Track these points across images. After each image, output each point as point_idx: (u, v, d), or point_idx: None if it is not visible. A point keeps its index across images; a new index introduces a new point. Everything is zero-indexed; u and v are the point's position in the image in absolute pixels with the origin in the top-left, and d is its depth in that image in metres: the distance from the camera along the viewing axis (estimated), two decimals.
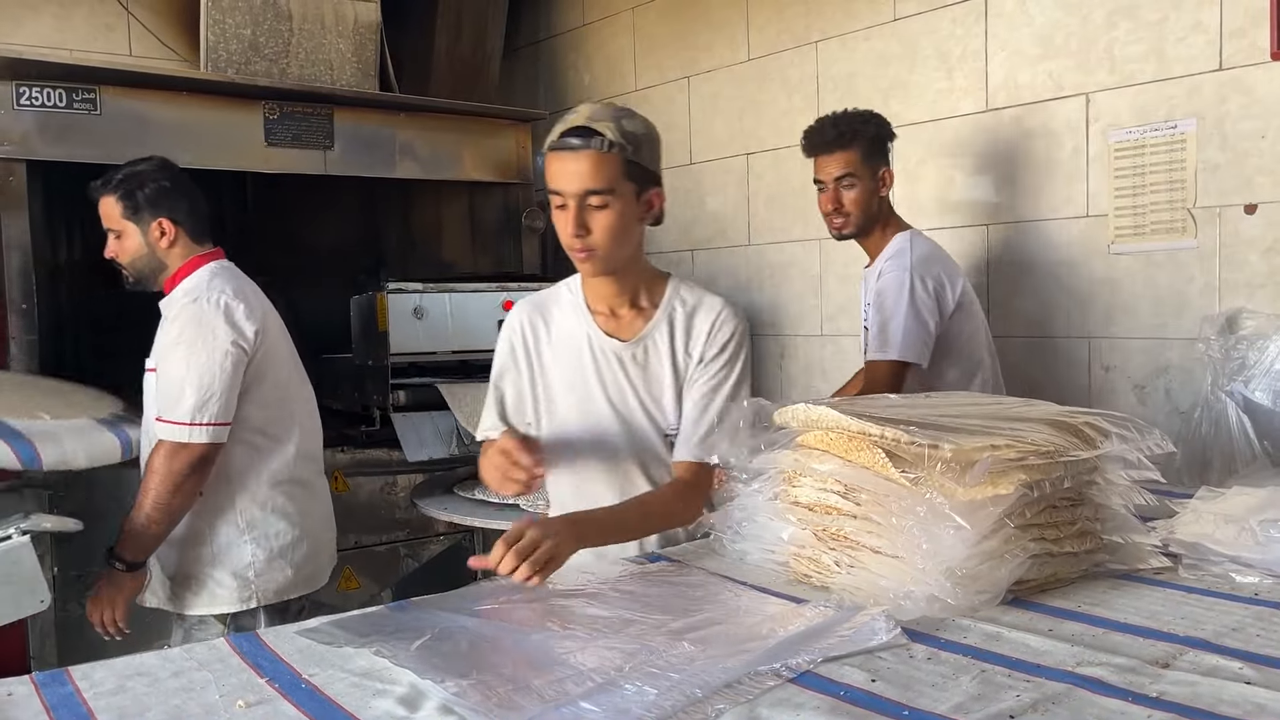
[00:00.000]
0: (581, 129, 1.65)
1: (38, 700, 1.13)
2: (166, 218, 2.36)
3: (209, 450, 2.23)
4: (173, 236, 2.37)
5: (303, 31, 3.54)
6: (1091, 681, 1.07)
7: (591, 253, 1.69)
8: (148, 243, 2.37)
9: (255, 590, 2.35)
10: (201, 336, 2.24)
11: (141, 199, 2.35)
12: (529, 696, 1.07)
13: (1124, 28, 2.71)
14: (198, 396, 2.20)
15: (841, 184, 2.59)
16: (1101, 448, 1.43)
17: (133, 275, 2.43)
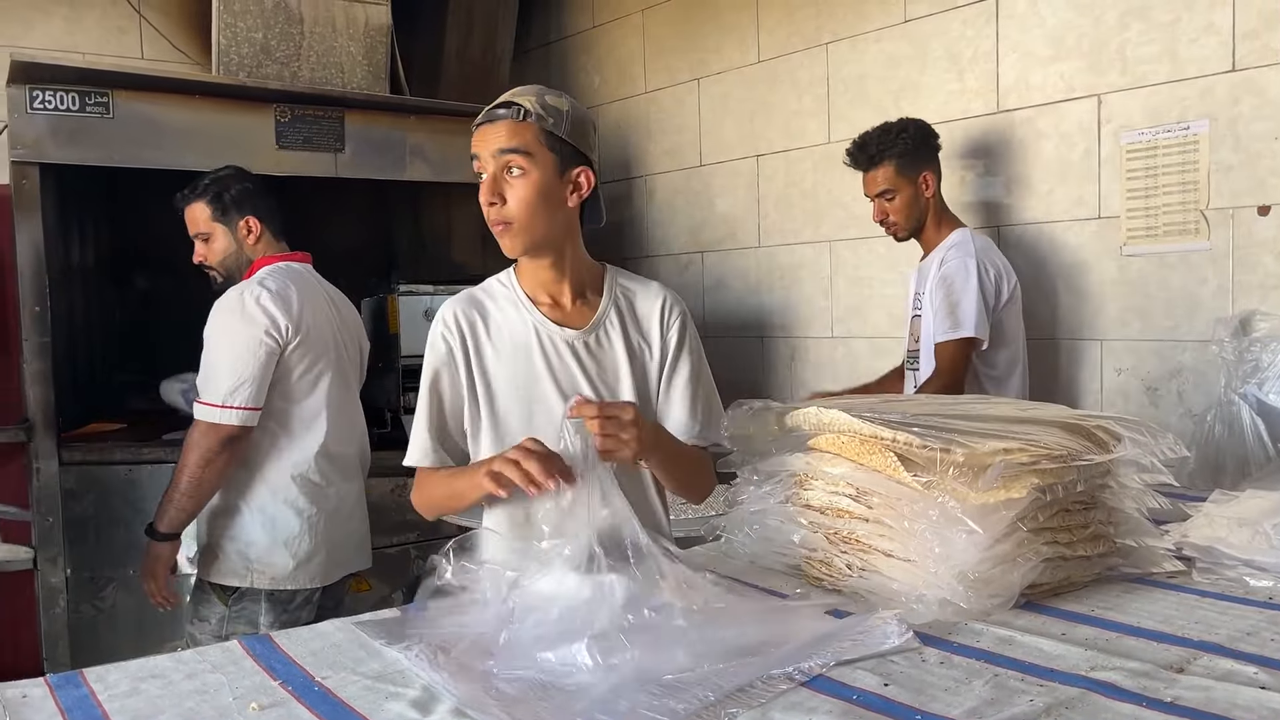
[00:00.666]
0: (503, 103, 1.64)
1: (52, 702, 1.13)
2: (252, 215, 2.52)
3: (239, 431, 2.33)
4: (258, 233, 2.53)
5: (314, 34, 3.55)
6: (1105, 686, 1.07)
7: (508, 225, 1.62)
8: (236, 240, 2.53)
9: (252, 571, 2.41)
10: (237, 324, 2.35)
11: (229, 200, 2.52)
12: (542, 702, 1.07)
13: (1136, 29, 2.70)
14: (231, 380, 2.31)
15: (884, 198, 2.78)
16: (1115, 451, 1.42)
17: (222, 274, 2.56)
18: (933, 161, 2.79)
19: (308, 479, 2.45)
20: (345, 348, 2.58)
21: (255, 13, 3.46)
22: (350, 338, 2.63)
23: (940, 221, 2.80)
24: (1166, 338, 2.70)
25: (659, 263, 4.30)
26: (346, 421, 2.57)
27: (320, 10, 3.55)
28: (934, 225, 2.79)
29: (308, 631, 1.37)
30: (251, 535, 2.42)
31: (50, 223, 3.06)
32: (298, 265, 2.57)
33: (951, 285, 2.64)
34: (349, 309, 2.68)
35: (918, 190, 2.75)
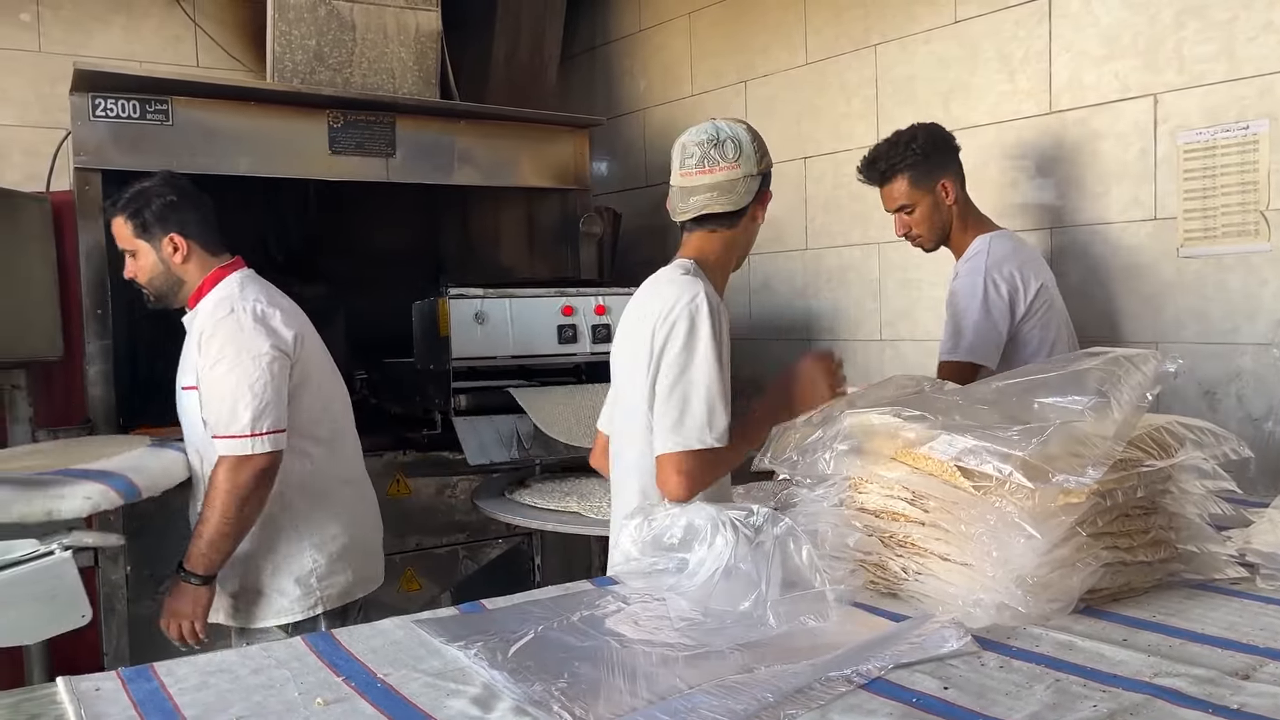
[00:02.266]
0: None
1: (125, 695, 1.16)
2: (177, 232, 2.34)
3: (272, 459, 2.23)
4: (185, 251, 2.35)
5: (365, 41, 3.60)
6: (1170, 692, 1.06)
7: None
8: (162, 260, 2.35)
9: (319, 596, 2.37)
10: (244, 348, 2.23)
11: (149, 216, 2.34)
12: (604, 701, 1.08)
13: (1193, 27, 2.66)
14: (253, 407, 2.20)
15: (903, 212, 2.68)
16: (1175, 456, 1.40)
17: (152, 294, 2.42)
18: (950, 166, 2.66)
19: (341, 484, 2.44)
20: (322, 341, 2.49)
21: (309, 20, 3.51)
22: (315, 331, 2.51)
23: (967, 226, 2.67)
24: (1225, 340, 2.65)
25: None
26: (349, 416, 2.54)
27: (372, 17, 3.60)
28: (960, 230, 2.67)
29: (368, 629, 1.39)
30: (309, 563, 2.36)
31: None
32: (252, 271, 2.45)
33: (956, 303, 2.56)
34: None
35: (937, 200, 2.63)
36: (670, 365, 1.87)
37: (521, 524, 2.80)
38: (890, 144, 2.67)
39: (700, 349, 1.85)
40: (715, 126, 2.05)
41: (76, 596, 1.89)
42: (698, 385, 1.84)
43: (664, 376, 1.87)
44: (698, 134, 2.04)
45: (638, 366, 1.94)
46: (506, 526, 3.22)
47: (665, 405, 1.85)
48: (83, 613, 1.92)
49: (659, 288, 2.00)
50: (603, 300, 3.31)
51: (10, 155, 4.00)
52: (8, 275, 2.79)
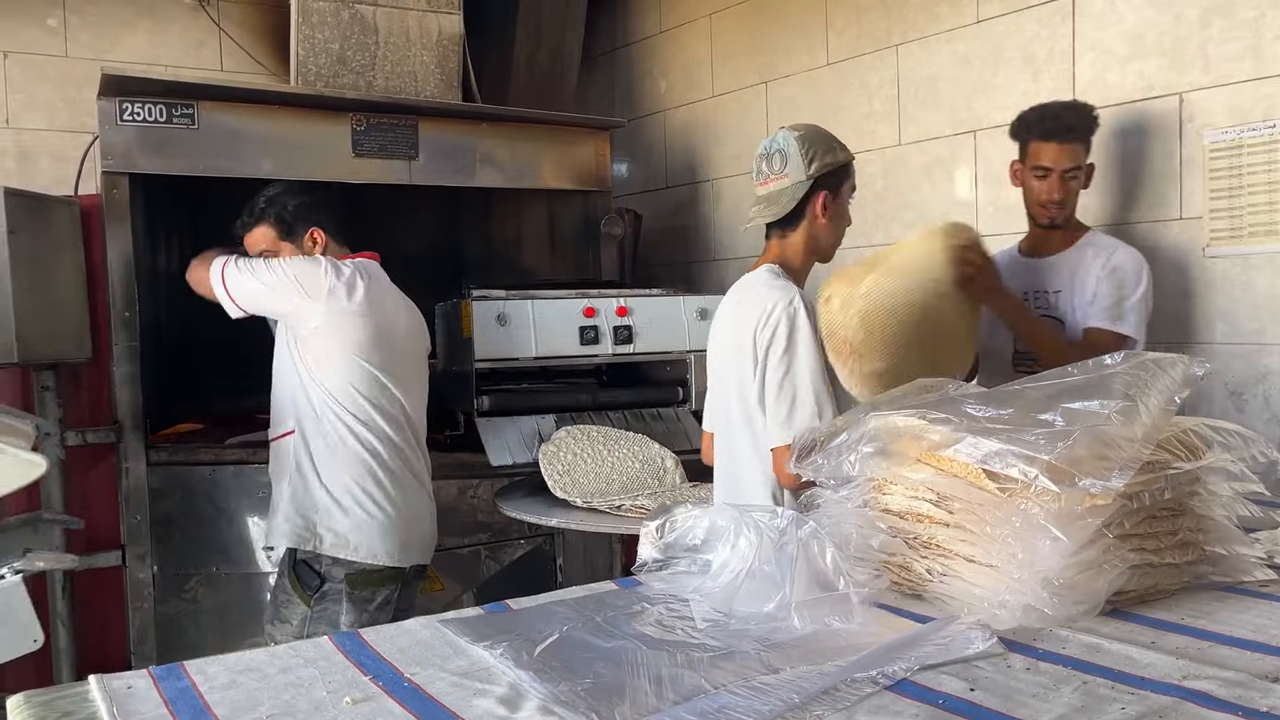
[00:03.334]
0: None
1: (156, 694, 1.17)
2: (316, 227, 2.58)
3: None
4: (324, 244, 2.59)
5: (388, 44, 3.62)
6: (1199, 695, 1.05)
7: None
8: (304, 255, 2.57)
9: (315, 533, 2.47)
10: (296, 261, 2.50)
11: (289, 217, 2.57)
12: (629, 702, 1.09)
13: (1218, 26, 2.64)
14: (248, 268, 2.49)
15: (1067, 175, 2.56)
16: (1203, 459, 1.39)
17: None
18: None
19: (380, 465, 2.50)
20: (412, 341, 2.64)
21: (332, 24, 3.54)
22: (416, 336, 2.68)
23: (1073, 220, 2.66)
24: (1252, 341, 2.63)
25: (725, 266, 4.30)
26: (417, 416, 2.63)
27: (395, 21, 3.62)
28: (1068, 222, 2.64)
29: (394, 629, 1.40)
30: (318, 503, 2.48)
31: (138, 230, 3.17)
32: (369, 262, 2.62)
33: (1124, 280, 2.50)
34: (414, 310, 2.72)
35: (1087, 177, 2.61)
36: (776, 365, 2.09)
37: (543, 524, 2.81)
38: (1073, 105, 2.60)
39: (801, 348, 2.08)
40: (769, 140, 2.26)
41: (27, 622, 1.84)
42: (804, 381, 2.07)
43: (772, 375, 2.10)
44: (759, 147, 2.27)
45: (743, 368, 2.16)
46: (528, 527, 3.23)
47: (776, 402, 2.08)
48: (34, 638, 1.86)
49: (754, 292, 2.21)
50: (624, 302, 3.32)
51: (38, 160, 4.05)
52: (38, 278, 2.82)
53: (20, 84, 4.05)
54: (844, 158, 2.27)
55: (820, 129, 2.30)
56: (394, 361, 2.56)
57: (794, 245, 2.26)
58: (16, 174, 3.95)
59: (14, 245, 2.72)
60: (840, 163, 2.25)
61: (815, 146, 2.21)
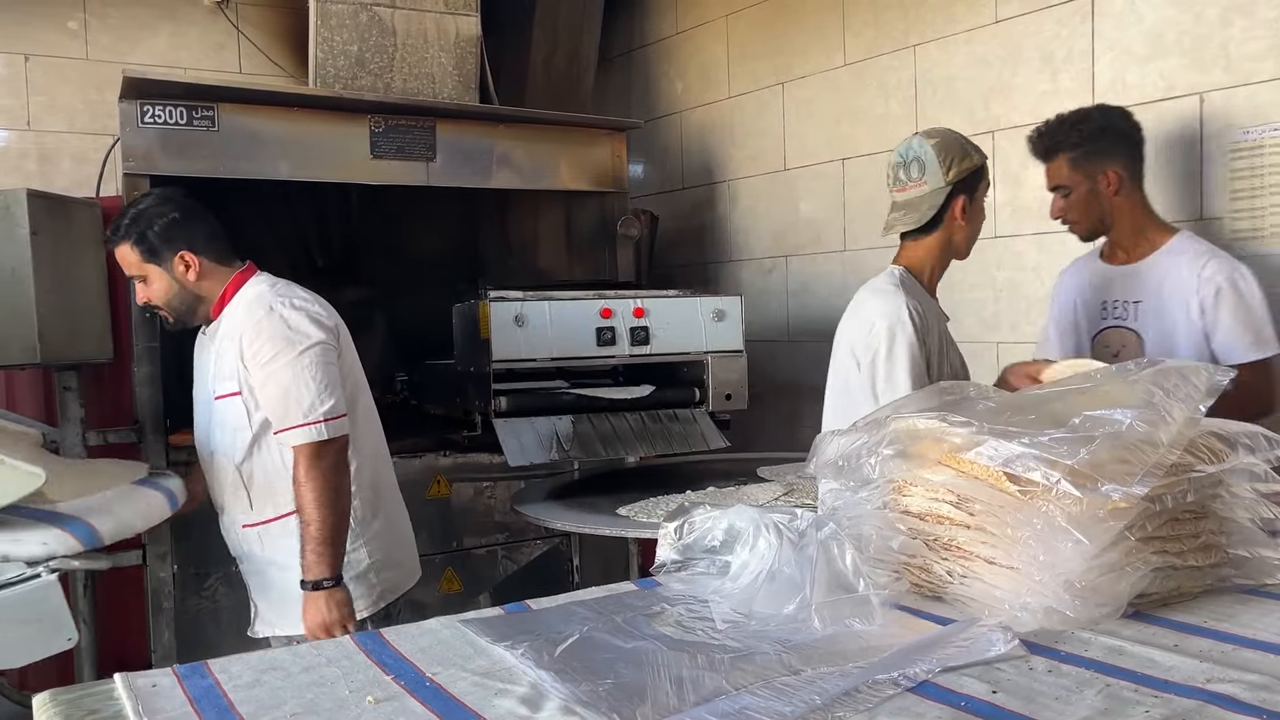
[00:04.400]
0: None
1: (181, 692, 1.18)
2: (186, 250, 2.30)
3: (344, 441, 2.25)
4: (199, 268, 2.31)
5: (406, 46, 3.63)
6: (1224, 699, 1.05)
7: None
8: (176, 280, 2.32)
9: (379, 591, 2.38)
10: (294, 341, 2.23)
11: (154, 238, 2.29)
12: (650, 703, 1.09)
13: (1240, 25, 2.63)
14: (317, 394, 2.21)
15: (1059, 193, 2.55)
16: (1227, 461, 1.39)
17: (172, 316, 2.40)
18: (1121, 157, 2.48)
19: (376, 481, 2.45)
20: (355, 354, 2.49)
21: (350, 26, 3.56)
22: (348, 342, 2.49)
23: (1143, 223, 2.51)
24: None
25: (742, 267, 4.30)
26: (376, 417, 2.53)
27: (413, 22, 3.63)
28: (1133, 227, 2.51)
29: (414, 629, 1.41)
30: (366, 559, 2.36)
31: None
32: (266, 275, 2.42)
33: (1240, 298, 2.34)
34: None
35: (1096, 187, 2.47)
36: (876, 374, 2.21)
37: (559, 526, 2.82)
38: (1060, 120, 2.54)
39: (898, 362, 2.18)
40: (905, 147, 2.32)
41: (62, 619, 1.86)
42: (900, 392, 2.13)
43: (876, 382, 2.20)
44: (894, 154, 2.34)
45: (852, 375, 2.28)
46: (545, 528, 3.23)
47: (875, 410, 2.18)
48: (69, 635, 1.88)
49: (869, 299, 2.33)
50: (641, 303, 3.32)
51: (59, 162, 4.08)
52: (60, 279, 2.84)
53: (42, 86, 4.09)
54: (979, 161, 2.31)
55: (953, 133, 2.34)
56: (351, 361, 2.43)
57: (928, 248, 2.35)
58: (38, 176, 3.99)
59: (36, 246, 2.74)
60: (976, 166, 2.30)
61: (951, 153, 2.27)
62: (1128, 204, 2.50)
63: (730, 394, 3.36)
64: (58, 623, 1.87)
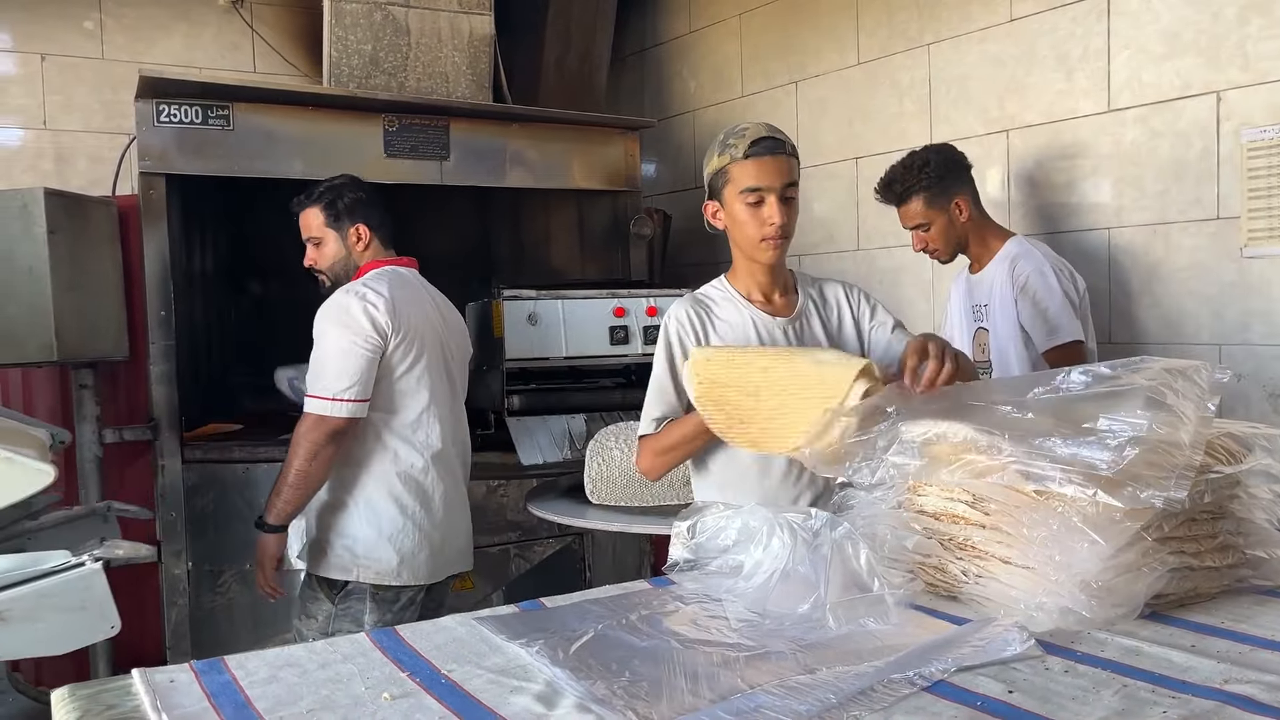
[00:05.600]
0: (781, 140, 1.99)
1: (198, 688, 1.19)
2: (363, 223, 2.61)
3: (346, 424, 2.41)
4: (367, 240, 2.61)
5: (420, 46, 3.64)
6: (1242, 699, 1.04)
7: (787, 240, 1.99)
8: (346, 247, 2.61)
9: (358, 566, 2.48)
10: (342, 322, 2.43)
11: (341, 207, 2.60)
12: (666, 700, 1.09)
13: (1257, 24, 2.61)
14: (338, 374, 2.40)
15: (919, 230, 2.82)
16: (1244, 463, 1.38)
17: (330, 278, 2.65)
18: (963, 186, 2.80)
19: (412, 477, 2.51)
20: (448, 349, 2.63)
21: (365, 26, 3.57)
22: (454, 341, 2.68)
23: (986, 236, 2.82)
24: None
25: None
26: (451, 422, 2.62)
27: (426, 22, 3.64)
28: (979, 241, 2.82)
29: (430, 626, 1.41)
30: (357, 531, 2.48)
31: (175, 230, 3.21)
32: (404, 270, 2.64)
33: (1035, 295, 2.65)
34: (453, 313, 2.74)
35: (951, 217, 2.78)
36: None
37: (572, 524, 2.82)
38: (905, 167, 2.81)
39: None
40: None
41: (106, 607, 1.88)
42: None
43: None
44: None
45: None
46: (557, 526, 3.24)
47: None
48: (112, 624, 1.91)
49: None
50: (654, 302, 3.33)
51: (75, 161, 4.11)
52: (77, 278, 2.86)
53: (58, 86, 4.11)
54: (716, 165, 2.15)
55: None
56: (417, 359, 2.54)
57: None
58: (54, 175, 4.01)
59: (53, 245, 2.76)
60: (714, 170, 2.14)
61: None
62: (974, 223, 2.81)
63: None
64: (102, 611, 1.90)
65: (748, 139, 1.97)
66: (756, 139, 1.97)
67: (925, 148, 2.86)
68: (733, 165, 1.98)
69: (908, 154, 2.83)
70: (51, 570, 1.87)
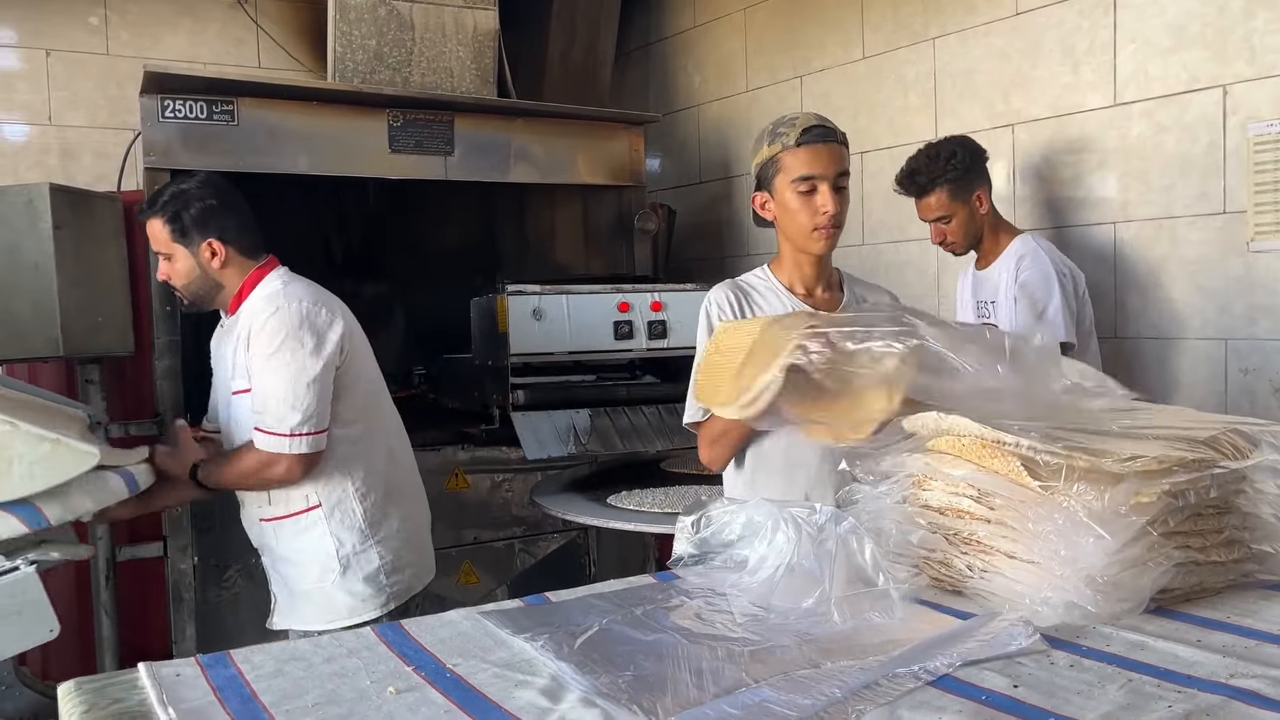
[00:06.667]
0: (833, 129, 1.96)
1: (204, 681, 1.19)
2: (216, 238, 2.28)
3: (307, 459, 2.22)
4: (224, 257, 2.29)
5: (424, 40, 3.64)
6: (1248, 694, 1.04)
7: (838, 229, 1.97)
8: (200, 264, 2.29)
9: (390, 592, 2.35)
10: (289, 346, 2.20)
11: (188, 220, 2.27)
12: (670, 695, 1.09)
13: (1263, 17, 2.60)
14: (296, 409, 2.18)
15: (940, 222, 2.83)
16: (1251, 459, 1.37)
17: (187, 298, 2.38)
18: (984, 178, 2.82)
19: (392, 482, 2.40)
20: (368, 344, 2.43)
21: (369, 21, 3.56)
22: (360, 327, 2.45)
23: (997, 231, 2.85)
24: None
25: (759, 261, 4.26)
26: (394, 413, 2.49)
27: (431, 17, 3.64)
28: (991, 236, 2.85)
29: (435, 620, 1.41)
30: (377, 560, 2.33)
31: None
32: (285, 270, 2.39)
33: (1034, 294, 2.68)
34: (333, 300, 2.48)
35: (972, 210, 2.80)
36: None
37: (577, 519, 2.82)
38: (929, 158, 2.79)
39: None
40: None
41: (43, 611, 1.85)
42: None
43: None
44: None
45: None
46: (562, 521, 3.24)
47: None
48: (50, 627, 1.86)
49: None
50: (658, 297, 3.33)
51: (81, 157, 4.12)
52: (83, 273, 2.87)
53: (63, 81, 4.12)
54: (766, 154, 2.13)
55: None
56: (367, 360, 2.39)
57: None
58: (60, 170, 4.02)
59: (59, 240, 2.76)
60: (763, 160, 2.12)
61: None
62: (990, 216, 2.84)
63: None
64: (39, 615, 1.86)
65: (799, 127, 1.94)
66: (808, 126, 1.94)
67: (948, 139, 2.85)
68: (784, 154, 1.95)
69: (928, 145, 2.82)
70: None
